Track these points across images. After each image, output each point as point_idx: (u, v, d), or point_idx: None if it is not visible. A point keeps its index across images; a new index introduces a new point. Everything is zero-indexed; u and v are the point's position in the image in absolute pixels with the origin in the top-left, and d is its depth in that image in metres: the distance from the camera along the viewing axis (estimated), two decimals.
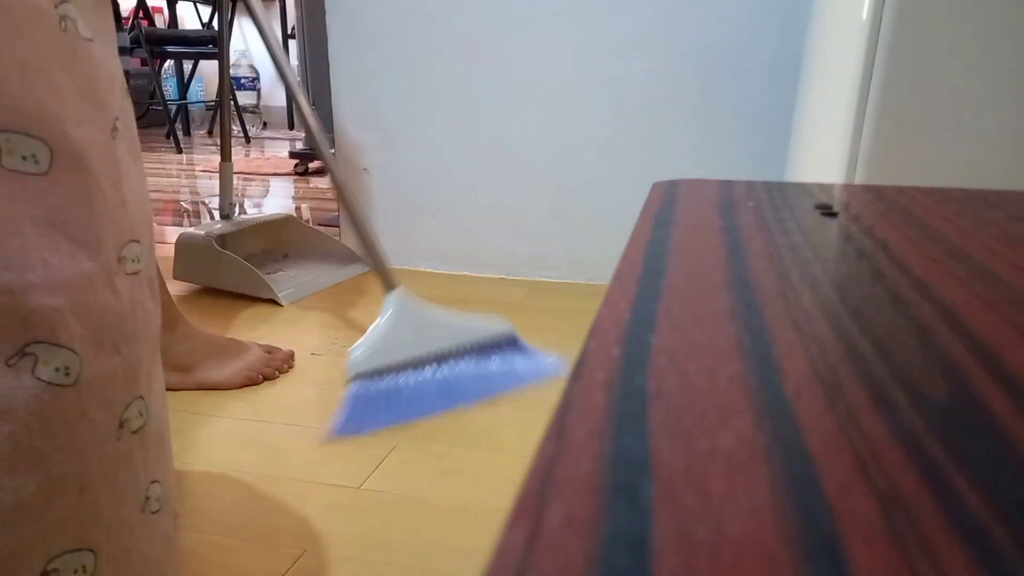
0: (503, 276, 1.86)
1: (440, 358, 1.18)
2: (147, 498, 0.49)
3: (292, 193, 3.06)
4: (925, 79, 0.78)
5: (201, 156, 3.97)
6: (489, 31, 1.70)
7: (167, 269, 1.61)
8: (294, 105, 1.32)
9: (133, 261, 0.48)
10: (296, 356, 1.35)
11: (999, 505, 0.15)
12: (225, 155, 1.73)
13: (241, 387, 1.23)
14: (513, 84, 1.72)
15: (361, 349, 1.14)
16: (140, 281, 0.49)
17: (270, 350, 1.32)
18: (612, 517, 0.14)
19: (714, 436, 0.17)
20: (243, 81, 4.83)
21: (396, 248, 1.89)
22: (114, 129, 0.48)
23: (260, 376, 1.25)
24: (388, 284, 1.21)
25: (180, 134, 4.34)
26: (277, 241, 1.90)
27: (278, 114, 5.07)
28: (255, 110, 4.88)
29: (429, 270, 1.90)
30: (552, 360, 1.26)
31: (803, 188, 0.49)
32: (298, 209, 2.77)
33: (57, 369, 0.42)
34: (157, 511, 0.50)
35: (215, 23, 4.45)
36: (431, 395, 1.14)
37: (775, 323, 0.24)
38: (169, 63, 4.64)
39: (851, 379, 0.20)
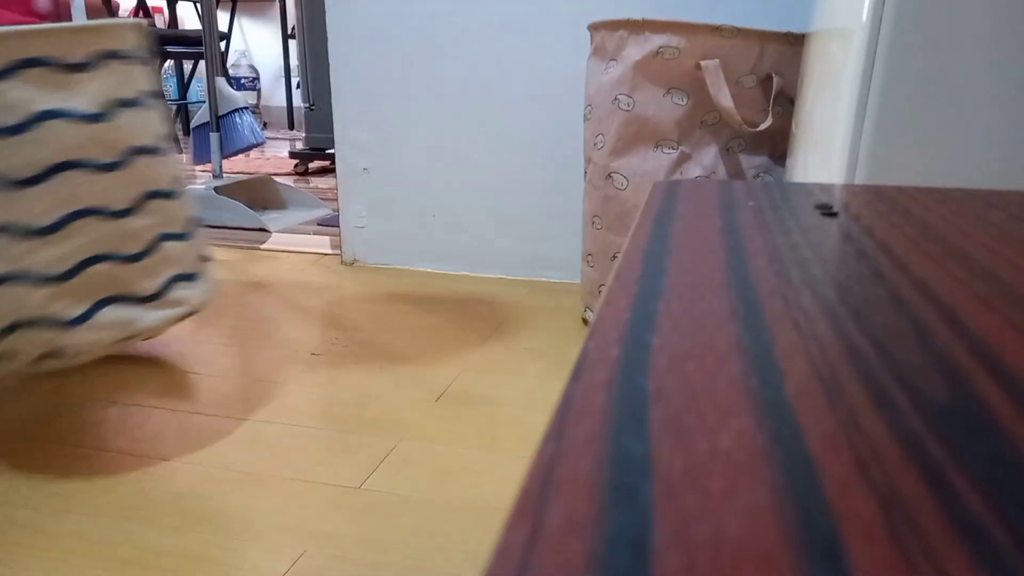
0: (503, 276, 1.86)
1: None
2: None
3: None
4: (926, 79, 0.78)
5: None
6: (490, 31, 1.70)
7: None
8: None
9: None
10: (296, 356, 1.35)
11: (999, 505, 0.15)
12: (215, 127, 2.38)
13: None
14: (514, 83, 1.72)
15: None
16: None
17: None
18: (612, 517, 0.14)
19: (714, 436, 0.17)
20: (243, 81, 4.83)
21: (396, 248, 1.89)
22: None
23: None
24: None
25: (180, 134, 4.34)
26: (258, 195, 2.49)
27: (278, 114, 5.07)
28: (255, 110, 4.88)
29: (429, 270, 1.90)
30: None
31: (803, 188, 0.49)
32: None
33: None
34: None
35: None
36: None
37: (775, 323, 0.24)
38: (169, 63, 4.64)
39: (851, 379, 0.20)
